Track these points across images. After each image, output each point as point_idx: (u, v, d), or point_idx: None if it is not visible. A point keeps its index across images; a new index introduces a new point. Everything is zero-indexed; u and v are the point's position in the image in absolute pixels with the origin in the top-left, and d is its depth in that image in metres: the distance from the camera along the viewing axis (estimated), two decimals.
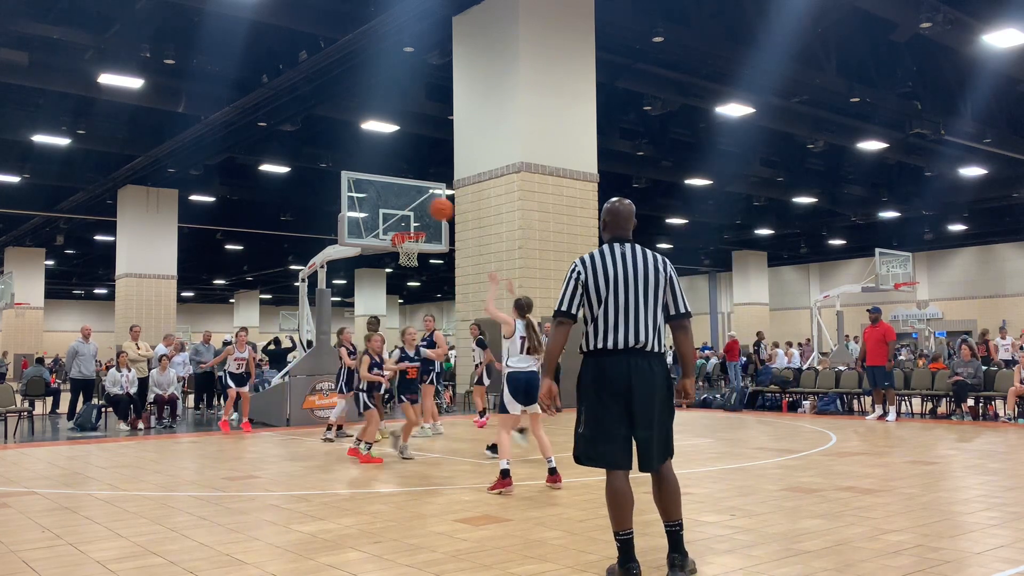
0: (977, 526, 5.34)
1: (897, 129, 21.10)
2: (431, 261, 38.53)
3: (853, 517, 5.65)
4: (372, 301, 45.95)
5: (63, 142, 21.22)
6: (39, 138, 20.58)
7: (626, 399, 4.08)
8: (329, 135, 22.43)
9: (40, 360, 23.11)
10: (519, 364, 7.42)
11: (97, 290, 53.55)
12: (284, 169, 24.53)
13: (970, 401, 13.49)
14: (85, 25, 15.75)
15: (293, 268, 39.79)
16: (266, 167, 24.32)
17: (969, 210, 30.71)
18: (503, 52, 14.98)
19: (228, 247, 37.17)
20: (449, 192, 14.84)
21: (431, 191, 14.20)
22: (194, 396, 16.65)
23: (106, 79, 16.63)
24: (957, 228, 34.65)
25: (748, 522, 5.54)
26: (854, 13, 15.94)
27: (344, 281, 48.56)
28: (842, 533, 5.17)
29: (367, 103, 18.90)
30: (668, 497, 4.13)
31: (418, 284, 55.66)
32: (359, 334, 19.91)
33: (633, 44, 16.17)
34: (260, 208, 30.18)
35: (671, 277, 4.25)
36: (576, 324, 4.24)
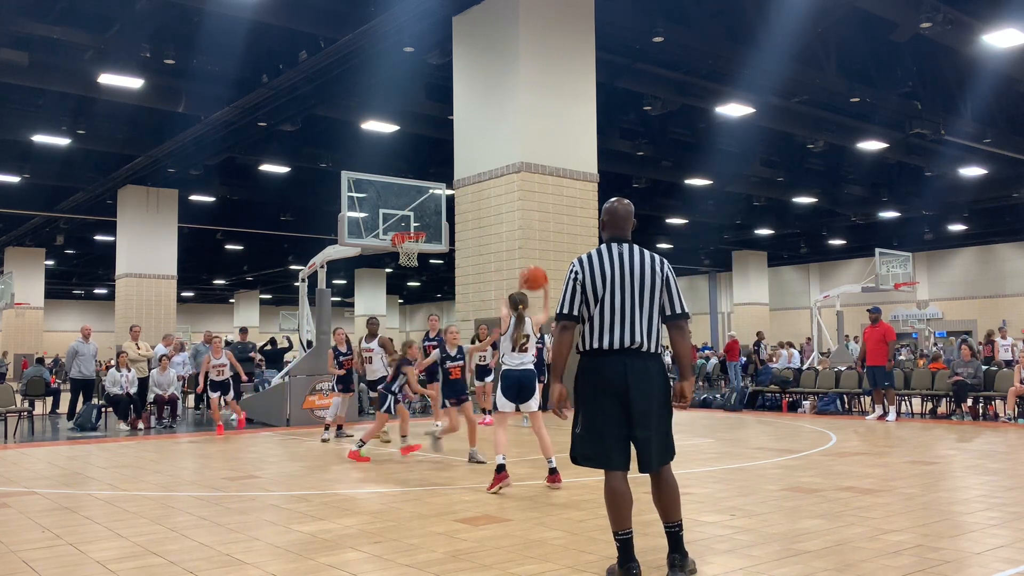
0: (977, 526, 5.35)
1: (897, 129, 21.08)
2: (431, 261, 38.52)
3: (853, 517, 5.65)
4: (372, 301, 45.95)
5: (63, 142, 21.20)
6: (39, 138, 20.56)
7: (623, 400, 4.07)
8: (329, 135, 22.42)
9: (40, 360, 23.15)
10: (511, 361, 7.41)
11: (97, 290, 53.53)
12: (284, 169, 24.52)
13: (970, 401, 13.50)
14: (85, 25, 15.73)
15: (293, 268, 39.77)
16: (266, 167, 24.31)
17: (969, 210, 30.68)
18: (503, 52, 14.98)
19: (228, 247, 37.14)
20: (449, 192, 14.84)
21: (431, 191, 14.21)
22: (194, 396, 16.69)
23: (106, 79, 16.62)
24: (957, 228, 34.63)
25: (748, 522, 5.54)
26: (854, 13, 15.92)
27: (344, 281, 48.55)
28: (842, 533, 5.17)
29: (367, 103, 18.89)
30: (668, 498, 4.12)
31: (418, 284, 55.66)
32: (359, 334, 19.87)
33: (633, 44, 16.16)
34: (260, 208, 30.17)
35: (668, 277, 4.22)
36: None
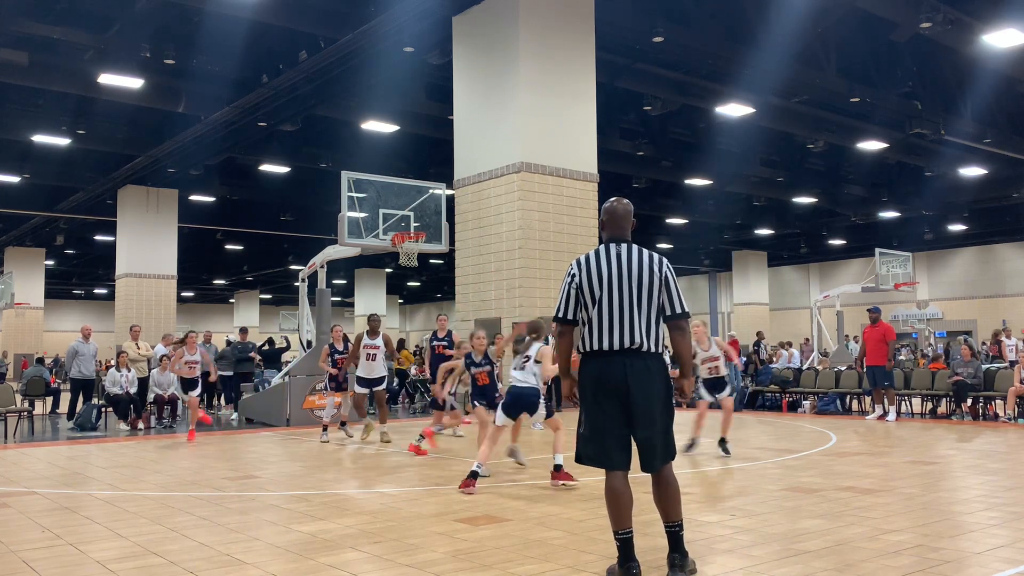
0: (977, 526, 5.35)
1: (897, 129, 21.08)
2: (431, 261, 38.52)
3: (853, 517, 5.65)
4: (372, 301, 45.95)
5: (63, 142, 21.20)
6: (39, 138, 20.55)
7: (623, 400, 4.08)
8: (329, 135, 22.41)
9: (40, 360, 23.14)
10: (516, 376, 7.45)
11: (97, 290, 53.52)
12: (284, 169, 24.51)
13: (970, 401, 13.50)
14: (85, 25, 15.73)
15: (293, 268, 39.76)
16: (266, 167, 24.30)
17: (969, 210, 30.67)
18: (503, 52, 14.98)
19: (228, 247, 37.13)
20: (449, 192, 14.84)
21: (431, 191, 14.21)
22: None
23: (106, 79, 16.62)
24: (957, 228, 34.61)
25: (748, 522, 5.54)
26: (854, 13, 15.92)
27: (344, 281, 48.55)
28: (842, 533, 5.17)
29: (367, 103, 18.89)
30: (668, 498, 4.13)
31: (418, 284, 55.64)
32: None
33: (633, 44, 16.15)
34: (260, 208, 30.16)
35: (667, 277, 4.21)
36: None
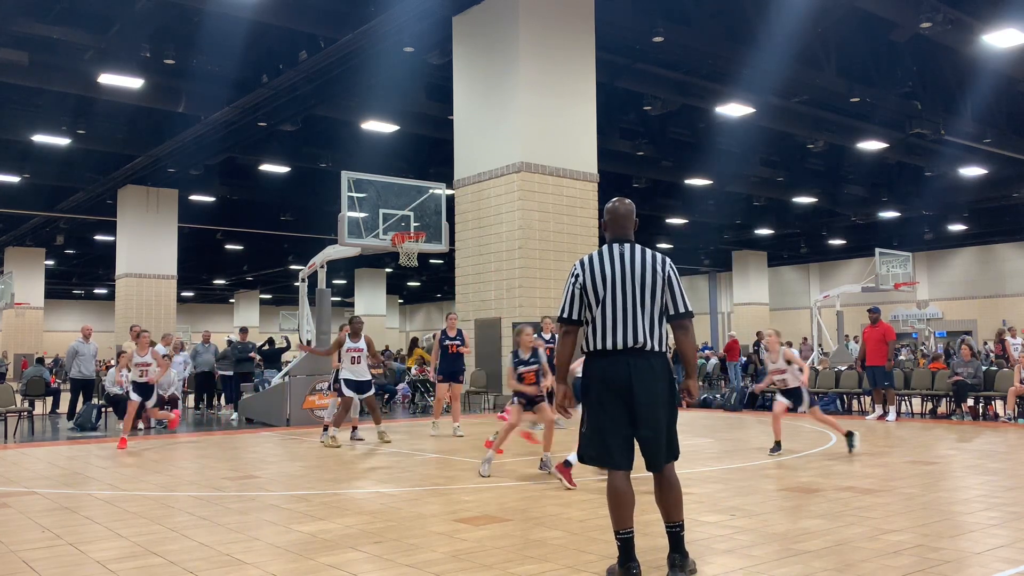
0: (977, 526, 5.34)
1: (897, 129, 21.09)
2: (431, 261, 38.53)
3: (853, 517, 5.65)
4: (372, 301, 45.96)
5: (63, 142, 21.21)
6: (39, 138, 20.56)
7: (627, 399, 4.08)
8: (329, 135, 22.42)
9: (40, 360, 23.11)
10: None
11: (97, 290, 53.54)
12: (284, 169, 24.52)
13: (970, 401, 13.50)
14: (85, 25, 15.73)
15: (293, 268, 39.77)
16: (266, 167, 24.32)
17: (969, 210, 30.69)
18: (503, 52, 14.98)
19: (228, 247, 37.15)
20: (449, 192, 14.84)
21: (431, 191, 14.21)
22: (194, 396, 16.69)
23: (106, 79, 16.62)
24: (957, 228, 34.62)
25: (748, 522, 5.54)
26: (854, 13, 15.92)
27: (344, 281, 48.56)
28: (842, 533, 5.17)
29: (367, 103, 18.89)
30: (670, 498, 4.13)
31: (418, 284, 55.66)
32: None
33: (633, 44, 16.16)
34: (260, 208, 30.17)
35: (670, 276, 4.21)
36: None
